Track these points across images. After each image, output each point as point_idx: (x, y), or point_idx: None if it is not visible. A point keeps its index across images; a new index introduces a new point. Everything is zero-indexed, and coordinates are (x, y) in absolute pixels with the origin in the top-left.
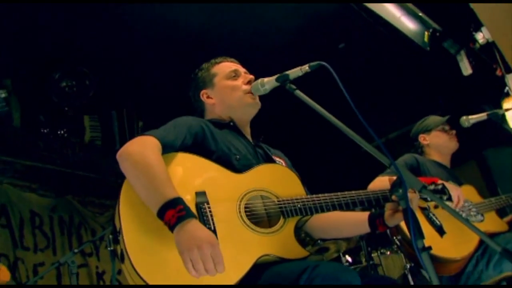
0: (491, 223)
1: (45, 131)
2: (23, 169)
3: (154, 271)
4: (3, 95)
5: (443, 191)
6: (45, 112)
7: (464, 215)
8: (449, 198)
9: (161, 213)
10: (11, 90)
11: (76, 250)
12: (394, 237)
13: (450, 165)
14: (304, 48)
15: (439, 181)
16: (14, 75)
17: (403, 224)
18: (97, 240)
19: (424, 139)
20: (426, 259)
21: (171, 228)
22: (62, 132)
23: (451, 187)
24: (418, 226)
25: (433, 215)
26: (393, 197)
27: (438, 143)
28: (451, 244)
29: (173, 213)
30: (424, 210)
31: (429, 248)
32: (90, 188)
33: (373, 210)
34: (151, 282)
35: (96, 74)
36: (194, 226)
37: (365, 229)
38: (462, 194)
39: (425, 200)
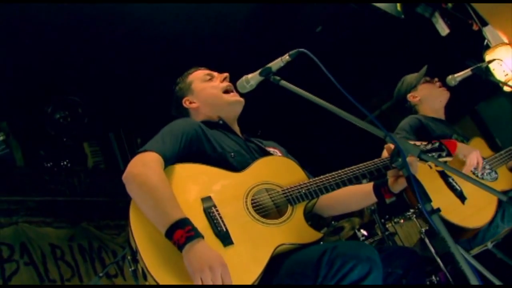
0: (505, 180)
1: (49, 164)
2: (35, 205)
3: (177, 283)
4: (1, 138)
5: (441, 148)
6: (45, 146)
7: (479, 174)
8: (448, 154)
9: (169, 234)
10: (8, 132)
11: (101, 274)
12: (416, 207)
13: (445, 117)
14: (283, 37)
15: (457, 143)
16: (8, 117)
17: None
18: (119, 260)
19: (413, 97)
20: (437, 221)
21: (180, 247)
22: (65, 162)
23: (467, 150)
24: (424, 191)
25: (453, 179)
26: (393, 165)
27: (429, 95)
28: (474, 211)
29: (182, 233)
30: (442, 174)
31: (438, 210)
32: (102, 211)
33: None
34: None
35: (87, 101)
36: (203, 246)
37: (372, 199)
38: (479, 156)
39: (424, 160)
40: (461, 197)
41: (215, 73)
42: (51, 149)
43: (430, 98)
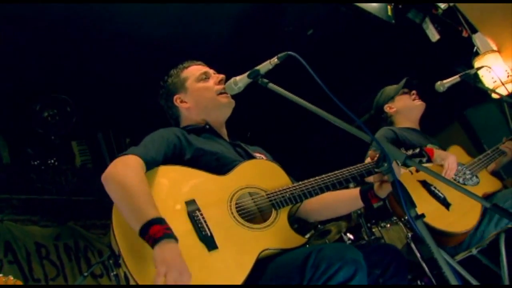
0: (487, 184)
1: (36, 163)
2: (20, 203)
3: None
4: None
5: (421, 154)
6: (32, 144)
7: (461, 180)
8: (428, 160)
9: (145, 229)
10: None
11: (86, 274)
12: (402, 219)
13: (420, 127)
14: (274, 39)
15: (434, 150)
16: None
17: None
18: (105, 260)
19: (389, 108)
20: (421, 227)
21: (156, 241)
22: (52, 161)
23: (443, 155)
24: (409, 196)
25: (435, 187)
26: (377, 169)
27: (404, 107)
28: (458, 216)
29: (160, 228)
30: (424, 184)
31: (422, 215)
32: (89, 211)
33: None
34: None
35: (76, 100)
36: (179, 251)
37: (359, 204)
38: (455, 160)
39: (406, 166)
40: (445, 203)
41: (211, 71)
42: (39, 147)
43: (406, 110)
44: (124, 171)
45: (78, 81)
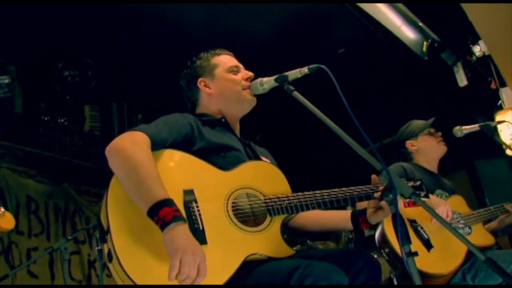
0: (478, 236)
1: (46, 118)
2: (22, 154)
3: (143, 271)
4: (6, 81)
5: (421, 187)
6: (47, 100)
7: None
8: (426, 195)
9: (154, 210)
10: (14, 76)
11: (69, 237)
12: (382, 250)
13: (437, 171)
14: (305, 51)
15: (432, 196)
16: (18, 62)
17: (390, 237)
18: (90, 228)
19: (411, 145)
20: (411, 264)
21: (166, 224)
22: (62, 120)
23: (436, 203)
24: (406, 231)
25: (421, 228)
26: (376, 194)
27: (426, 148)
28: (438, 258)
29: (169, 210)
30: (412, 222)
31: (415, 253)
32: (86, 177)
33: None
34: (139, 282)
35: (99, 66)
36: (188, 231)
37: (348, 226)
38: (449, 209)
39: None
40: (428, 244)
41: (241, 66)
42: (52, 104)
43: (427, 151)
44: (132, 147)
45: (105, 48)
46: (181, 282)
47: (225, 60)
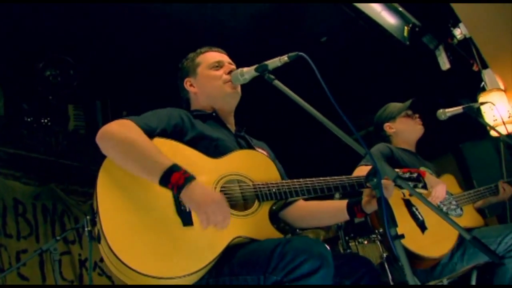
0: (469, 218)
1: (29, 119)
2: (7, 157)
3: (129, 249)
4: None
5: (418, 179)
6: (29, 100)
7: (445, 208)
8: (424, 186)
9: (165, 178)
10: None
11: (58, 238)
12: (376, 230)
13: (416, 151)
14: (287, 41)
15: (426, 173)
16: None
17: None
18: (79, 227)
19: (390, 127)
20: (398, 247)
21: (180, 188)
22: (46, 120)
23: (433, 182)
24: (392, 215)
25: (416, 209)
26: (368, 184)
27: (404, 130)
28: (432, 241)
29: (179, 175)
30: (407, 203)
31: (402, 236)
32: (73, 176)
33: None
34: (126, 260)
35: (80, 64)
36: (201, 184)
37: (344, 216)
38: (445, 189)
39: (399, 187)
40: (422, 226)
41: (226, 61)
42: (35, 105)
43: (405, 132)
44: (123, 128)
45: (86, 46)
46: (215, 227)
47: (208, 57)
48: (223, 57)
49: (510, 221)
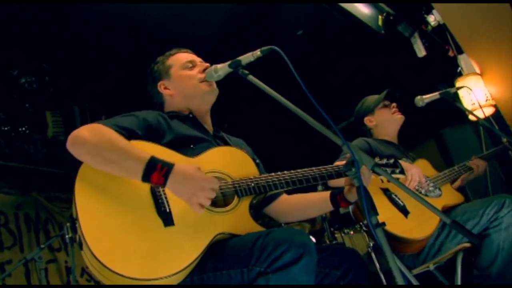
0: (449, 196)
1: (6, 128)
2: None
3: (111, 253)
4: None
5: (395, 165)
6: (5, 109)
7: (423, 191)
8: (402, 172)
9: (147, 179)
10: None
11: (42, 246)
12: (361, 222)
13: (398, 141)
14: (263, 36)
15: (401, 162)
16: None
17: None
18: (64, 234)
19: (369, 121)
20: (380, 235)
21: (164, 185)
22: (23, 129)
23: (407, 166)
24: (372, 203)
25: (396, 195)
26: (347, 173)
27: (384, 121)
28: (416, 223)
29: (157, 174)
30: (386, 191)
31: (383, 224)
32: (55, 183)
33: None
34: (108, 265)
35: (56, 70)
36: (180, 174)
37: (328, 207)
38: (420, 172)
39: (377, 174)
40: (404, 211)
41: (197, 60)
42: (12, 113)
43: (385, 124)
44: (94, 132)
45: (61, 51)
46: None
47: (179, 58)
48: (194, 57)
49: None
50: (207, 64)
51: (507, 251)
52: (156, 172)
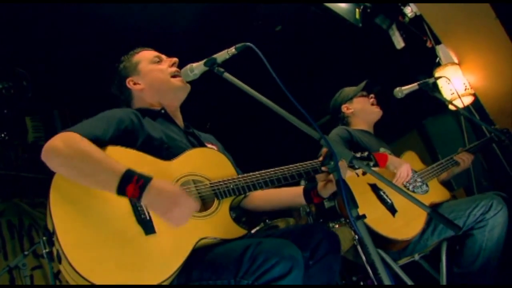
0: (436, 193)
1: None
2: None
3: (93, 267)
4: None
5: (369, 158)
6: None
7: (411, 187)
8: (375, 165)
9: (121, 191)
10: None
11: (26, 252)
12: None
13: (374, 132)
14: (241, 33)
15: (388, 156)
16: None
17: None
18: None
19: (347, 108)
20: (361, 227)
21: (140, 199)
22: (3, 135)
23: (398, 163)
24: (352, 196)
25: (384, 192)
26: (323, 168)
27: (362, 109)
28: (403, 223)
29: (133, 187)
30: (374, 187)
31: (363, 216)
32: (37, 189)
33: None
34: (91, 279)
35: (33, 75)
36: (156, 188)
37: (301, 201)
38: (409, 169)
39: (353, 167)
40: (392, 209)
41: (164, 56)
42: None
43: (362, 112)
44: (68, 143)
45: (38, 56)
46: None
47: (145, 54)
48: (160, 54)
49: (477, 192)
50: (175, 59)
51: (488, 250)
52: (131, 184)
